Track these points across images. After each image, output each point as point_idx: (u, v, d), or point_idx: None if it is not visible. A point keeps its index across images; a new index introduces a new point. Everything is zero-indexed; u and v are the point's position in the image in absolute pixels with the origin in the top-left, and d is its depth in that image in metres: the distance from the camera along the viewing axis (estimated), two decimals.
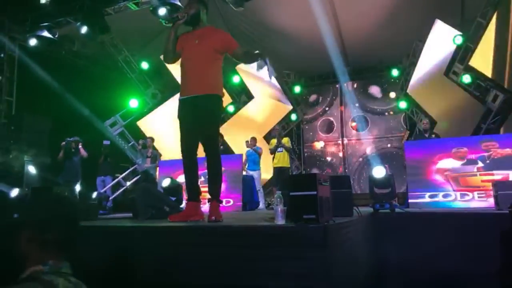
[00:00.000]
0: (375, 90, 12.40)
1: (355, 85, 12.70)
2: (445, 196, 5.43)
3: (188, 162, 3.27)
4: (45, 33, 8.47)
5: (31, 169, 7.34)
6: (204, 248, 2.34)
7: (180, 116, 3.30)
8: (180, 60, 3.38)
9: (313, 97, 13.31)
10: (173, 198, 4.11)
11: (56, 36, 8.70)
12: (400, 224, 3.79)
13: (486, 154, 5.16)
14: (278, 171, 8.33)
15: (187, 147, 3.26)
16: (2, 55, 8.69)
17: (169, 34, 3.33)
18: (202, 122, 3.20)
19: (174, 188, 4.43)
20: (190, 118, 3.22)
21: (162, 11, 7.41)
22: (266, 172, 9.27)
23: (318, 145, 12.72)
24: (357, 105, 12.41)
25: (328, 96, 13.10)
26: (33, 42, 8.50)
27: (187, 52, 3.29)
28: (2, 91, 8.59)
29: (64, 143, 8.10)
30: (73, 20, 8.23)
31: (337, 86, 12.79)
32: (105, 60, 10.65)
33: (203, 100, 3.17)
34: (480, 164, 5.15)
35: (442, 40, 8.89)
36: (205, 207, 3.25)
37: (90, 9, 7.78)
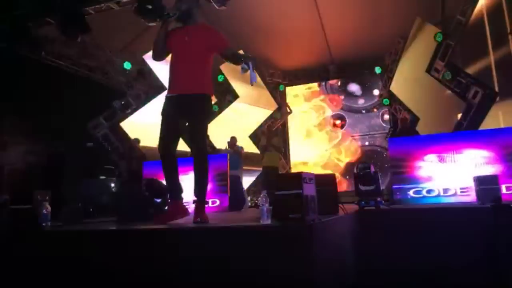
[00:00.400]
0: (354, 88, 12.52)
1: (338, 83, 12.80)
2: (428, 191, 5.50)
3: (167, 160, 3.20)
4: (25, 34, 8.28)
5: None
6: (189, 249, 2.32)
7: (164, 113, 3.22)
8: (171, 56, 3.31)
9: None
10: (158, 200, 4.06)
11: (35, 36, 8.52)
12: (385, 221, 3.82)
13: (467, 150, 5.25)
14: (266, 171, 8.35)
15: (166, 144, 3.19)
16: None
17: (159, 31, 3.25)
18: (189, 123, 3.16)
19: (159, 189, 4.37)
20: (175, 116, 3.17)
21: (146, 10, 7.30)
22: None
23: None
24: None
25: None
26: (11, 43, 8.30)
27: (177, 49, 3.23)
28: None
29: None
30: (52, 20, 8.06)
31: (322, 84, 12.88)
32: (87, 60, 10.47)
33: (191, 100, 3.12)
34: (462, 159, 5.23)
35: (423, 38, 9.02)
36: (191, 208, 3.21)
37: (70, 8, 7.63)
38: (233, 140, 8.43)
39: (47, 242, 2.69)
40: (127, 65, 10.49)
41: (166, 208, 4.74)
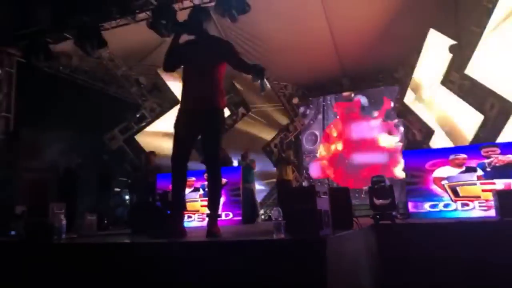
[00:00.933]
0: (362, 100, 12.48)
1: (352, 95, 12.77)
2: (445, 206, 5.39)
3: (177, 174, 3.20)
4: (43, 49, 8.49)
5: None
6: (203, 263, 2.31)
7: (177, 127, 3.24)
8: (182, 70, 3.34)
9: (301, 109, 13.45)
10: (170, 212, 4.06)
11: (54, 51, 8.73)
12: (401, 235, 3.75)
13: (486, 161, 5.09)
14: (280, 184, 8.34)
15: (179, 159, 3.20)
16: None
17: (171, 43, 3.29)
18: (204, 137, 3.16)
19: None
20: (188, 130, 3.18)
21: (159, 24, 7.42)
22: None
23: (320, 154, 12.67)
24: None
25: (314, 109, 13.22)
26: (30, 58, 8.51)
27: (189, 62, 3.25)
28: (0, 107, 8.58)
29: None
30: (70, 35, 8.26)
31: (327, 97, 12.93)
32: (103, 74, 10.68)
33: (205, 114, 3.12)
34: (480, 172, 5.10)
35: (437, 49, 8.94)
36: (205, 222, 3.21)
37: (87, 24, 7.80)
38: (246, 153, 8.46)
39: (61, 254, 2.70)
40: (142, 79, 10.65)
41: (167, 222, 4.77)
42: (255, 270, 2.15)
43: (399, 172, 10.62)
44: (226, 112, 11.26)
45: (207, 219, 3.14)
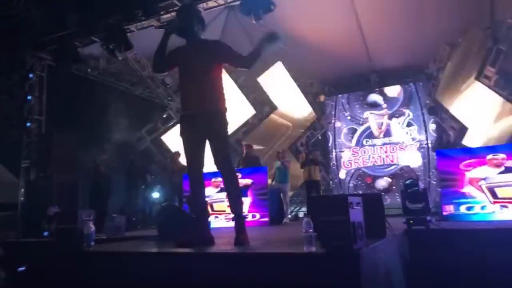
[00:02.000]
0: (376, 97, 12.02)
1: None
2: (482, 208, 5.15)
3: (194, 181, 3.15)
4: (72, 52, 8.68)
5: None
6: (230, 275, 2.25)
7: (183, 134, 3.16)
8: (178, 74, 3.25)
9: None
10: None
11: (82, 54, 8.91)
12: (437, 242, 3.58)
13: None
14: (308, 184, 8.24)
15: (192, 166, 3.14)
16: (31, 75, 8.94)
17: (160, 42, 3.21)
18: (212, 141, 3.09)
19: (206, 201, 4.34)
20: (193, 135, 3.10)
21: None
22: None
23: (345, 155, 12.35)
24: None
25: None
26: (60, 61, 8.71)
27: (185, 66, 3.16)
28: (31, 110, 8.82)
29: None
30: (97, 38, 8.39)
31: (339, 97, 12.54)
32: (129, 76, 10.82)
33: (206, 117, 3.04)
34: None
35: (471, 43, 8.58)
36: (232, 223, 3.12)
37: (113, 27, 7.91)
38: (283, 153, 8.41)
39: (89, 263, 2.72)
40: (167, 80, 10.72)
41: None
42: (285, 285, 2.07)
43: None
44: (251, 111, 11.23)
45: (233, 222, 3.06)
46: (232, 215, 3.09)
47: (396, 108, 11.72)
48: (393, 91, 11.81)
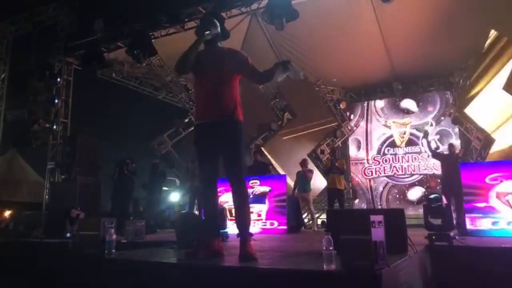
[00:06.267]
0: (409, 104, 11.90)
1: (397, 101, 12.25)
2: (508, 223, 4.99)
3: (207, 192, 3.07)
4: (98, 57, 8.88)
5: None
6: None
7: (197, 143, 3.07)
8: (194, 81, 3.23)
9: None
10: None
11: (107, 59, 9.10)
12: (460, 259, 3.47)
13: None
14: (330, 192, 8.13)
15: (206, 176, 3.06)
16: (59, 79, 9.19)
17: (193, 46, 3.05)
18: (223, 151, 2.99)
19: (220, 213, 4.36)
20: (208, 145, 3.00)
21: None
22: None
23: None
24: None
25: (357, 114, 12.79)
26: (87, 66, 8.93)
27: (202, 73, 3.08)
28: (58, 113, 9.06)
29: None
30: (123, 44, 8.57)
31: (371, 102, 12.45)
32: (152, 81, 11.01)
33: (222, 127, 2.95)
34: None
35: (499, 52, 8.36)
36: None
37: (138, 33, 8.06)
38: (305, 161, 8.39)
39: (110, 270, 2.76)
40: (190, 85, 10.85)
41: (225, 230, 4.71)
42: None
43: None
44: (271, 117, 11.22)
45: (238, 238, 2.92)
46: (237, 233, 2.94)
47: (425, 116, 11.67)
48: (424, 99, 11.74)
